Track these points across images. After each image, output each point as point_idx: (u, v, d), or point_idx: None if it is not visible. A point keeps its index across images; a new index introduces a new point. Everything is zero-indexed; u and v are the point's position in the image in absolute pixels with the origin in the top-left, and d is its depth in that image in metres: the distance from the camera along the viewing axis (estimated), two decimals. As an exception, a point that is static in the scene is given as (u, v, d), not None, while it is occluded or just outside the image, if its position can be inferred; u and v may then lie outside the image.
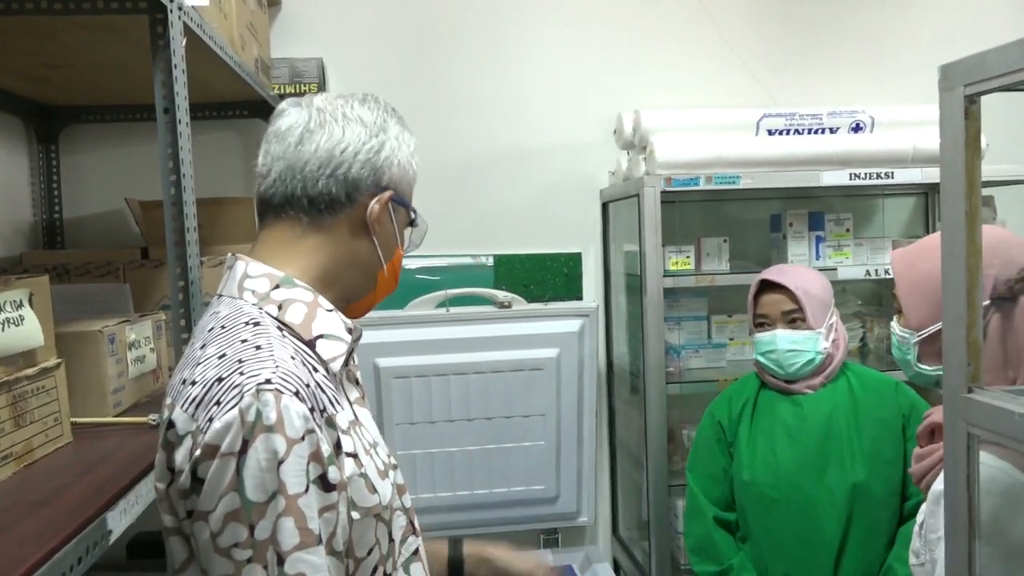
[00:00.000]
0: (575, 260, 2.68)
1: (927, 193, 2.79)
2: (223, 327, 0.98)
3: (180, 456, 0.90)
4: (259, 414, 0.87)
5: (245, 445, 0.87)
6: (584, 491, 2.57)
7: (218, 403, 0.89)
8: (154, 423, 1.35)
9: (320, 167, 1.04)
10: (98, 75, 1.98)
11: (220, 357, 0.93)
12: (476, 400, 2.42)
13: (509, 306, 2.47)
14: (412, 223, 1.16)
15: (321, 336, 1.02)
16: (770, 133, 2.31)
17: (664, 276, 2.25)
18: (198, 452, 0.88)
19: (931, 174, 2.26)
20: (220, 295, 1.06)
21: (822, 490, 1.88)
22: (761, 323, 1.99)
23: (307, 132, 1.05)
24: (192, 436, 0.89)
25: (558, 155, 2.67)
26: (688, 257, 2.38)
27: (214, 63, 1.75)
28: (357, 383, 1.14)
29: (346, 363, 1.06)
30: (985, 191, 1.60)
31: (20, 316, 1.16)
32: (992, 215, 2.46)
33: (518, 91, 2.65)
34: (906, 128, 2.34)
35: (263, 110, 2.45)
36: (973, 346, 0.98)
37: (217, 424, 0.87)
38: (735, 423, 2.01)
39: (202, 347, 0.97)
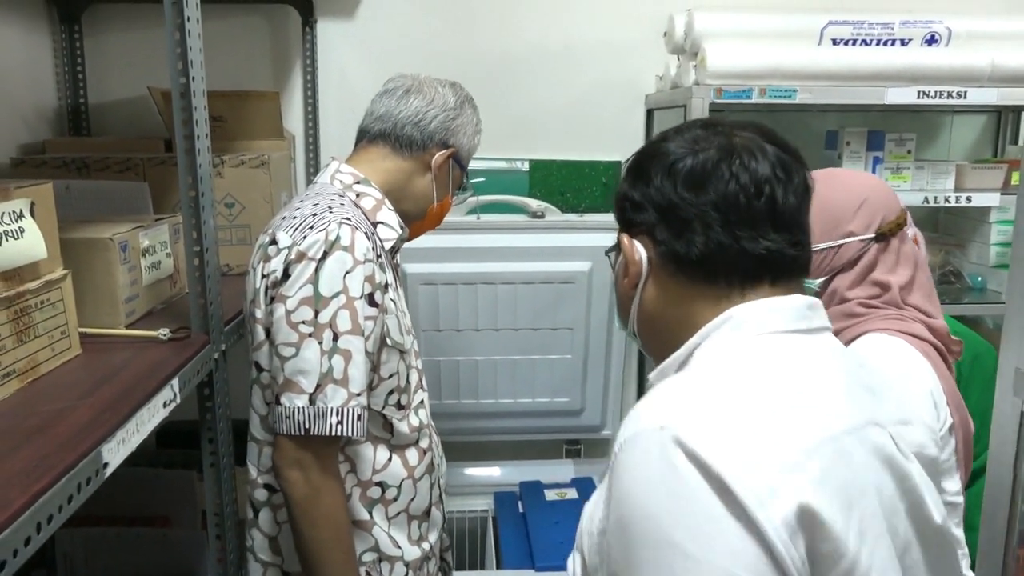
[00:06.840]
0: (614, 169, 2.56)
1: (1000, 112, 2.59)
2: (317, 194, 1.39)
3: (276, 260, 1.29)
4: (339, 237, 1.27)
5: (325, 255, 1.26)
6: (609, 405, 2.54)
7: (311, 227, 1.29)
8: (164, 338, 1.32)
9: (409, 118, 1.46)
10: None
11: (315, 204, 1.34)
12: (504, 310, 2.37)
13: (542, 216, 2.37)
14: (463, 186, 1.59)
15: (381, 223, 1.42)
16: (834, 43, 2.12)
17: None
18: (292, 256, 1.27)
19: (1009, 95, 2.07)
20: (315, 182, 1.47)
21: None
22: None
23: (406, 93, 1.48)
24: (289, 248, 1.28)
25: (602, 55, 2.50)
26: (734, 173, 2.24)
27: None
28: (397, 277, 1.52)
29: (394, 255, 1.48)
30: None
31: (20, 228, 1.11)
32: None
33: (564, -18, 2.47)
34: (984, 42, 2.13)
35: (293, -5, 2.32)
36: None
37: (309, 239, 1.27)
38: None
39: (300, 202, 1.37)
